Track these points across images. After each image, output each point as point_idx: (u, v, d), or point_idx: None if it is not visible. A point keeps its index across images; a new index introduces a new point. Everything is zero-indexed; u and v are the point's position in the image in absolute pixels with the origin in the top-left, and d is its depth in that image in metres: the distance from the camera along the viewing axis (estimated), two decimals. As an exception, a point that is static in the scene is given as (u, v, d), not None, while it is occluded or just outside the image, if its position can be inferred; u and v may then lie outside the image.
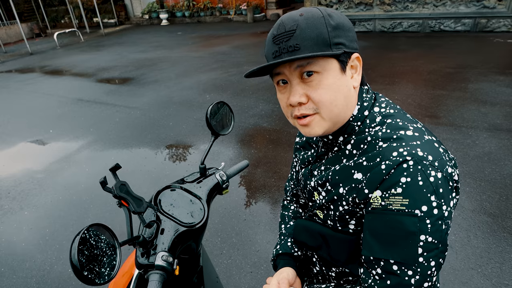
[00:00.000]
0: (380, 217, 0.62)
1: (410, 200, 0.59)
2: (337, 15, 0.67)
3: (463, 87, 4.72)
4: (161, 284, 0.75)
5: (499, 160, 2.99)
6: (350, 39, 0.67)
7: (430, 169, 0.59)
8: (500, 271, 1.98)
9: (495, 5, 7.73)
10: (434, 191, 0.59)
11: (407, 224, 0.59)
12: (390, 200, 0.61)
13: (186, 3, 15.25)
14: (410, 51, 6.90)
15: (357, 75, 0.70)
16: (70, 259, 0.61)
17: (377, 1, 8.93)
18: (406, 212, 0.59)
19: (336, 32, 0.65)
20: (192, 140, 4.00)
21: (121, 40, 12.33)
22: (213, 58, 7.93)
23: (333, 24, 0.65)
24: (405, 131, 0.65)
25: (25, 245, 2.58)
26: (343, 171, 0.71)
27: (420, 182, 0.59)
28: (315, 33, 0.63)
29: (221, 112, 1.11)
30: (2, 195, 3.28)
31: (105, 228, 0.69)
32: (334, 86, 0.66)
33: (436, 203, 0.59)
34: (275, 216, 2.61)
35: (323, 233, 0.78)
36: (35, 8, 18.40)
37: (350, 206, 0.69)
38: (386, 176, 0.61)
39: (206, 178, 1.06)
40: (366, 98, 0.74)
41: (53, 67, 8.89)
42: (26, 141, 4.46)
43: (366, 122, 0.71)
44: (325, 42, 0.64)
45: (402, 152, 0.61)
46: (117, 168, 0.79)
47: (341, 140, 0.74)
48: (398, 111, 0.72)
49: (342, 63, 0.66)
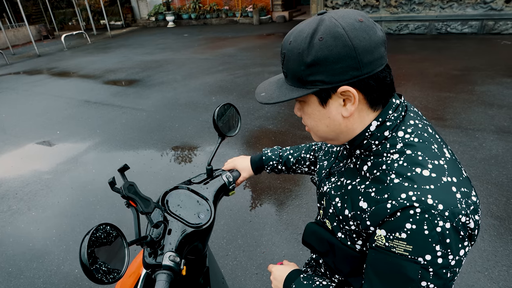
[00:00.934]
0: (383, 256, 0.62)
1: (413, 248, 0.58)
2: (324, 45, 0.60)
3: (470, 89, 4.69)
4: (168, 284, 0.76)
5: (506, 163, 2.97)
6: (334, 72, 0.61)
7: (438, 219, 0.57)
8: (507, 274, 1.96)
9: (502, 7, 7.67)
10: (440, 241, 0.57)
11: (409, 270, 0.59)
12: (394, 243, 0.60)
13: (192, 5, 15.34)
14: (416, 53, 6.87)
15: (351, 106, 0.65)
16: (80, 258, 0.62)
17: (383, 3, 8.92)
18: (409, 258, 0.58)
19: (311, 70, 0.62)
20: (198, 141, 4.02)
21: (128, 42, 12.43)
22: (219, 60, 7.97)
23: (307, 62, 0.62)
24: (422, 170, 0.61)
25: (32, 246, 2.60)
26: (352, 194, 0.70)
27: (425, 232, 0.57)
28: (292, 68, 0.65)
29: (228, 114, 1.12)
30: (10, 196, 3.32)
31: (113, 228, 0.70)
32: (313, 116, 0.70)
33: (441, 252, 0.58)
34: (281, 218, 2.62)
35: (331, 242, 0.78)
36: (43, 11, 18.62)
37: (357, 228, 0.69)
38: (391, 218, 0.60)
39: (212, 180, 1.07)
40: (392, 116, 0.67)
41: (60, 69, 8.99)
42: (34, 142, 4.51)
43: (386, 146, 0.67)
44: (300, 79, 0.65)
45: (411, 197, 0.59)
46: (126, 169, 0.80)
47: (357, 153, 0.72)
48: (423, 141, 0.65)
49: (320, 98, 0.66)
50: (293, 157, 1.14)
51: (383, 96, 0.67)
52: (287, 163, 1.15)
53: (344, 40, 0.59)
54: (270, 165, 1.16)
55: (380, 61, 0.63)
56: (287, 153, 1.16)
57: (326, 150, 0.93)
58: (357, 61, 0.60)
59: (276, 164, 1.15)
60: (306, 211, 2.65)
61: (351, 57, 0.60)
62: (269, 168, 1.16)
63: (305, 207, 2.70)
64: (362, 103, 0.66)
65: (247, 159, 1.17)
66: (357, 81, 0.62)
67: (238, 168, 1.15)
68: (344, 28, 0.59)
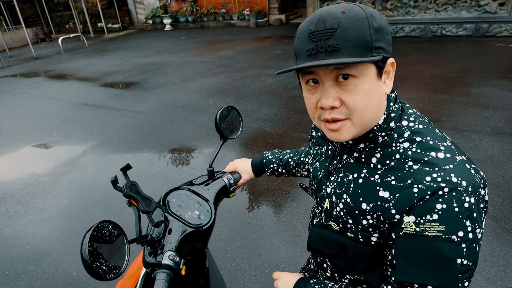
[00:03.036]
0: (415, 242, 0.62)
1: (447, 227, 0.59)
2: (379, 16, 0.63)
3: (465, 91, 4.73)
4: (167, 283, 0.76)
5: (502, 164, 2.99)
6: (388, 43, 0.64)
7: (465, 195, 0.59)
8: (504, 274, 1.98)
9: (496, 10, 7.75)
10: (469, 216, 0.59)
11: (445, 250, 0.59)
12: (425, 226, 0.60)
13: (189, 8, 15.37)
14: (412, 55, 6.92)
15: (389, 81, 0.67)
16: (81, 254, 0.62)
17: (379, 6, 8.98)
18: (444, 238, 0.59)
19: (378, 35, 0.61)
20: (195, 144, 4.02)
21: (125, 45, 12.43)
22: (216, 63, 7.99)
23: (375, 27, 0.61)
24: (436, 153, 0.63)
25: (29, 248, 2.59)
26: (366, 186, 0.69)
27: (456, 209, 0.59)
28: (358, 34, 0.59)
29: (230, 116, 1.13)
30: (7, 198, 3.30)
31: (114, 225, 0.71)
32: (369, 92, 0.63)
33: (471, 227, 0.60)
34: (279, 220, 2.63)
35: (341, 242, 0.77)
36: (40, 13, 18.60)
37: (375, 221, 0.68)
38: (420, 202, 0.61)
39: (214, 181, 1.08)
40: (394, 108, 0.70)
41: (57, 72, 8.97)
42: (31, 145, 4.50)
43: (393, 136, 0.68)
44: (367, 46, 0.60)
45: (436, 178, 0.60)
46: (128, 168, 0.81)
47: (361, 147, 0.72)
48: (427, 126, 0.68)
49: (379, 69, 0.64)
50: (292, 161, 1.15)
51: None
52: (287, 166, 1.16)
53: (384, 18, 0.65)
54: (270, 168, 1.17)
55: None
56: (287, 156, 1.16)
57: (315, 153, 0.91)
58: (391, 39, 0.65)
59: (276, 167, 1.17)
60: (304, 213, 2.66)
61: (390, 33, 0.65)
62: (270, 171, 1.18)
63: (303, 209, 2.71)
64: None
65: (248, 162, 1.18)
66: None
67: (239, 171, 1.17)
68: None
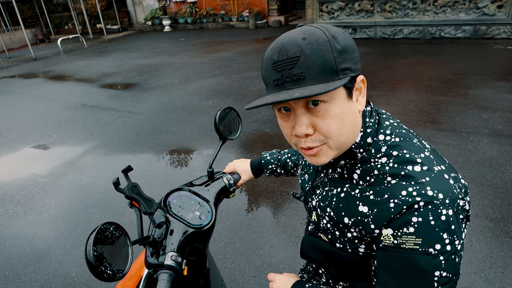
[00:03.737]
0: (394, 254, 0.62)
1: (423, 240, 0.59)
2: (341, 35, 0.61)
3: (464, 93, 4.75)
4: (170, 283, 0.77)
5: (500, 166, 3.01)
6: (355, 60, 0.62)
7: (441, 208, 0.59)
8: (503, 275, 1.99)
9: (494, 12, 7.79)
10: (446, 229, 0.59)
11: (421, 263, 0.60)
12: (402, 239, 0.61)
13: (188, 9, 15.39)
14: (411, 57, 6.95)
15: (362, 98, 0.66)
16: (85, 255, 0.63)
17: (378, 8, 9.01)
18: (420, 251, 0.59)
19: (343, 57, 0.59)
20: (195, 145, 4.03)
21: (124, 46, 12.43)
22: (215, 64, 8.00)
23: (339, 49, 0.59)
24: (413, 166, 0.63)
25: (29, 249, 2.59)
26: (347, 200, 0.70)
27: (432, 222, 0.59)
28: (321, 60, 0.58)
29: (229, 117, 1.14)
30: (7, 199, 3.30)
31: (117, 227, 0.72)
32: (341, 114, 0.62)
33: (449, 239, 0.59)
34: (278, 221, 2.63)
35: (331, 251, 0.78)
36: (39, 14, 18.59)
37: (358, 234, 0.69)
38: (397, 215, 0.61)
39: (213, 182, 1.09)
40: (370, 123, 0.69)
41: (56, 73, 8.96)
42: (30, 145, 4.49)
43: (371, 151, 0.68)
44: (332, 70, 0.58)
45: (412, 192, 0.60)
46: (129, 170, 0.82)
47: (342, 163, 0.72)
48: (404, 139, 0.67)
49: (348, 89, 0.62)
50: (290, 161, 1.16)
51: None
52: (285, 166, 1.16)
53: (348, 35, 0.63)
54: (269, 169, 1.18)
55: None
56: (285, 156, 1.17)
57: (304, 164, 0.91)
58: (358, 55, 0.64)
59: (275, 167, 1.18)
60: (304, 214, 2.67)
61: (357, 50, 0.63)
62: (268, 171, 1.18)
63: (302, 210, 2.72)
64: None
65: (247, 162, 1.19)
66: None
67: (239, 171, 1.17)
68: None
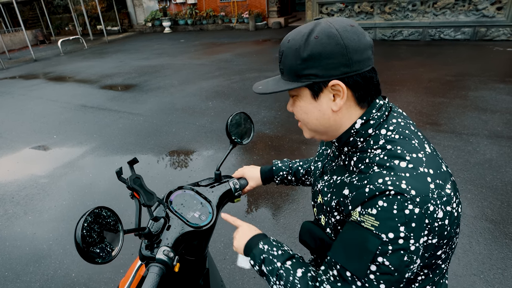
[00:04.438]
0: (352, 229, 0.67)
1: (380, 224, 0.62)
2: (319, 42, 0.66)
3: (464, 94, 4.76)
4: (159, 277, 0.78)
5: (500, 167, 3.01)
6: (327, 67, 0.68)
7: (409, 202, 0.61)
8: (502, 277, 1.99)
9: (494, 14, 7.82)
10: (406, 223, 0.61)
11: (369, 243, 0.63)
12: (364, 217, 0.65)
13: (189, 11, 15.42)
14: (410, 59, 6.96)
15: (340, 100, 0.71)
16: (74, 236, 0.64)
17: (377, 10, 9.04)
18: (373, 232, 0.63)
19: (306, 64, 0.68)
20: (194, 146, 4.03)
21: (124, 47, 12.45)
22: (215, 66, 8.01)
23: (303, 57, 0.68)
24: (400, 161, 0.66)
25: (28, 250, 2.59)
26: (339, 185, 0.75)
27: (394, 211, 0.62)
28: (289, 63, 0.71)
29: (242, 122, 1.15)
30: (6, 200, 3.30)
31: (111, 212, 0.73)
32: (305, 109, 0.75)
33: (404, 234, 0.62)
34: (278, 222, 2.63)
35: (321, 237, 0.82)
36: (40, 16, 18.62)
37: (341, 217, 0.73)
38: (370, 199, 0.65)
39: (219, 184, 1.09)
40: (375, 115, 0.73)
41: (57, 74, 8.98)
42: (30, 146, 4.49)
43: (369, 142, 0.72)
44: (296, 73, 0.71)
45: (387, 181, 0.64)
46: (135, 162, 0.83)
47: (345, 150, 0.77)
48: (403, 138, 0.70)
49: (313, 91, 0.72)
50: (302, 169, 1.16)
51: (369, 94, 0.72)
52: (297, 174, 1.17)
53: (337, 39, 0.66)
54: (280, 176, 1.18)
55: (368, 62, 0.70)
56: (296, 164, 1.18)
57: (320, 152, 0.97)
58: (347, 58, 0.67)
59: (286, 175, 1.18)
60: (303, 215, 2.67)
61: (342, 54, 0.67)
62: (279, 178, 1.18)
63: (302, 211, 2.72)
64: (350, 99, 0.72)
65: (256, 169, 1.20)
66: (346, 77, 0.69)
67: (247, 177, 1.18)
68: (338, 29, 0.67)
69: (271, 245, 0.87)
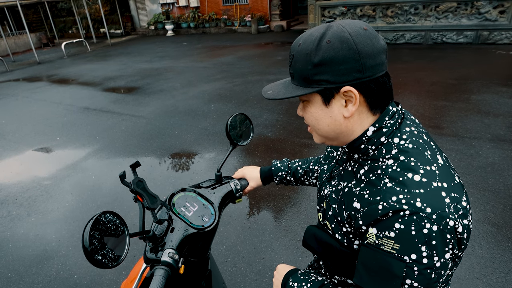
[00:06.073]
0: (373, 253, 0.66)
1: (400, 246, 0.61)
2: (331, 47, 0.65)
3: (466, 98, 4.76)
4: (165, 279, 0.78)
5: (502, 171, 3.00)
6: (339, 73, 0.66)
7: (426, 221, 0.60)
8: (505, 281, 1.98)
9: (496, 18, 7.82)
10: (426, 242, 0.60)
11: (394, 267, 0.62)
12: (383, 241, 0.64)
13: (191, 14, 15.50)
14: (413, 62, 6.96)
15: (352, 106, 0.69)
16: (82, 241, 0.65)
17: (380, 14, 9.05)
18: (396, 256, 0.62)
19: (318, 69, 0.66)
20: (197, 149, 4.04)
21: (127, 50, 12.52)
22: (217, 69, 8.04)
23: (314, 62, 0.66)
24: (413, 175, 0.64)
25: (31, 251, 2.60)
26: (349, 196, 0.74)
27: (412, 232, 0.60)
28: (300, 68, 0.69)
29: (241, 123, 1.16)
30: (10, 201, 3.32)
31: (116, 217, 0.74)
32: (315, 114, 0.73)
33: (427, 253, 0.61)
34: (280, 224, 2.63)
35: (329, 243, 0.81)
36: (44, 19, 18.75)
37: (352, 228, 0.73)
38: (383, 218, 0.64)
39: (220, 186, 1.10)
40: (388, 123, 0.71)
41: (60, 76, 9.03)
42: (34, 148, 4.52)
43: (382, 151, 0.70)
44: (306, 79, 0.69)
45: (401, 200, 0.62)
46: (137, 166, 0.84)
47: (356, 157, 0.76)
48: (416, 147, 0.68)
49: (324, 97, 0.70)
50: (301, 169, 1.16)
51: (382, 100, 0.70)
52: (295, 174, 1.17)
53: (350, 44, 0.64)
54: (279, 176, 1.18)
55: (381, 67, 0.67)
56: (295, 164, 1.18)
57: (327, 154, 0.96)
58: (360, 64, 0.65)
59: (285, 175, 1.18)
60: (305, 218, 2.67)
61: (355, 59, 0.64)
62: (278, 178, 1.18)
63: (303, 214, 2.72)
64: (363, 105, 0.70)
65: (256, 169, 1.20)
66: (359, 83, 0.66)
67: (247, 177, 1.18)
68: (350, 33, 0.64)
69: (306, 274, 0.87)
